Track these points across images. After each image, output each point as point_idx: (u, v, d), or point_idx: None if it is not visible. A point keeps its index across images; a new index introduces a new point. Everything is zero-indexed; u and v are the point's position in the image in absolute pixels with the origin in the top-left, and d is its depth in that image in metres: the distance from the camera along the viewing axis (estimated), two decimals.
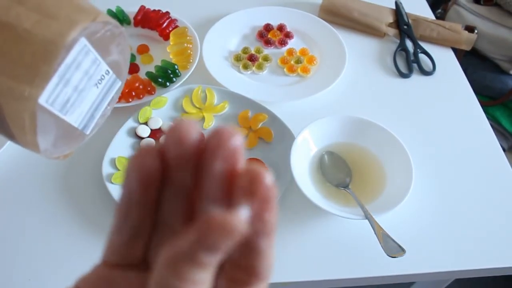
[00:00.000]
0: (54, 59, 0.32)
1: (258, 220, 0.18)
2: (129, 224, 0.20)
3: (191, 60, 0.72)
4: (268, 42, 0.79)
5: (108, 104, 0.43)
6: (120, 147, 0.61)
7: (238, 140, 0.18)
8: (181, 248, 0.16)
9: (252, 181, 0.17)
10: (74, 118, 0.38)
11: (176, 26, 0.77)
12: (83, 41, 0.34)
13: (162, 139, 0.18)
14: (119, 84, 0.43)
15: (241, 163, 0.18)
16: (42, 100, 0.33)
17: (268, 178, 0.18)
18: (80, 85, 0.37)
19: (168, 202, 0.20)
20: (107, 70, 0.40)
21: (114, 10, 0.79)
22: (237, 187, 0.18)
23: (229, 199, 0.18)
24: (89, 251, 0.53)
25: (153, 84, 0.69)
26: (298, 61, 0.76)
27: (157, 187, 0.19)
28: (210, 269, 0.17)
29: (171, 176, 0.19)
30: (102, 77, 0.40)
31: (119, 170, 0.59)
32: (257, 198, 0.17)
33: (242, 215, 0.17)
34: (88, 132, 0.42)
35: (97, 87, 0.40)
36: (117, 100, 0.46)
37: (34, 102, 0.32)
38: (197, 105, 0.67)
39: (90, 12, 0.35)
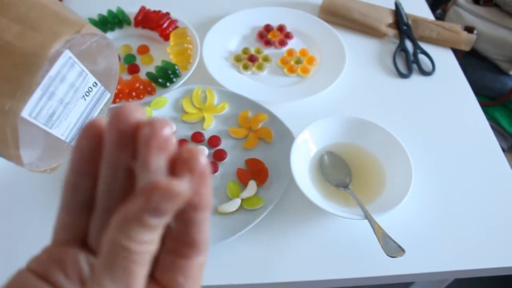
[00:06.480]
0: (36, 72, 0.31)
1: (195, 194, 0.19)
2: (78, 198, 0.21)
3: (191, 61, 0.72)
4: (268, 43, 0.79)
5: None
6: None
7: (169, 130, 0.19)
8: (130, 211, 0.18)
9: (189, 159, 0.19)
10: (61, 131, 0.37)
11: (176, 27, 0.78)
12: (67, 54, 0.34)
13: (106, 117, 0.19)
14: (108, 96, 0.42)
15: (173, 149, 0.19)
16: (25, 113, 0.32)
17: (203, 156, 0.19)
18: (66, 98, 0.36)
19: (107, 185, 0.21)
20: (95, 82, 0.39)
21: (115, 11, 0.79)
22: (177, 164, 0.19)
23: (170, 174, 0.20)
24: None
25: (153, 84, 0.69)
26: (298, 62, 0.76)
27: (98, 164, 0.20)
28: (157, 231, 0.19)
29: (110, 158, 0.20)
30: (90, 89, 0.39)
31: None
32: (194, 174, 0.19)
33: (184, 183, 0.18)
34: None
35: (85, 99, 0.38)
36: (106, 111, 0.44)
37: (15, 116, 0.31)
38: (197, 106, 0.67)
39: (74, 24, 0.33)
